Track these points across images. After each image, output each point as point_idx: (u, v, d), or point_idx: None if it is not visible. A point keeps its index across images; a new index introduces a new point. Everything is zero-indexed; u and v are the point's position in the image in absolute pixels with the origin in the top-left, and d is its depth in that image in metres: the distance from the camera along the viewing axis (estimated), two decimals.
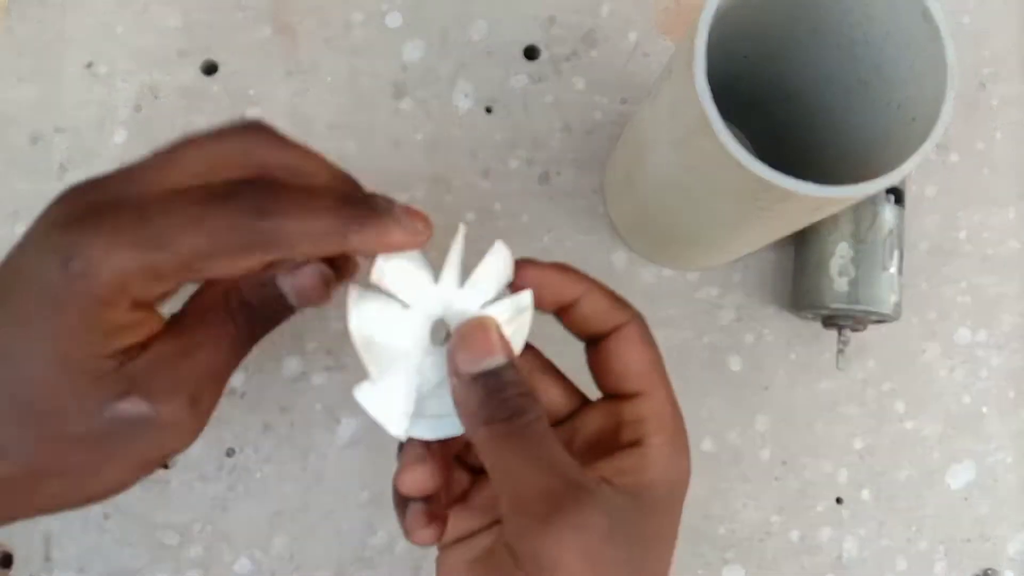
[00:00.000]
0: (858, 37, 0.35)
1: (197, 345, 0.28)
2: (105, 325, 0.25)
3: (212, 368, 0.29)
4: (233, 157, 0.29)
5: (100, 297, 0.25)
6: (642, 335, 0.31)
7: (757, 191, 0.30)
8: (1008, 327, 0.50)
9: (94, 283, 0.24)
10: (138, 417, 0.26)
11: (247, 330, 0.29)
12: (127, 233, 0.25)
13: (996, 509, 0.49)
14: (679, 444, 0.31)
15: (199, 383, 0.28)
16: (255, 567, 0.45)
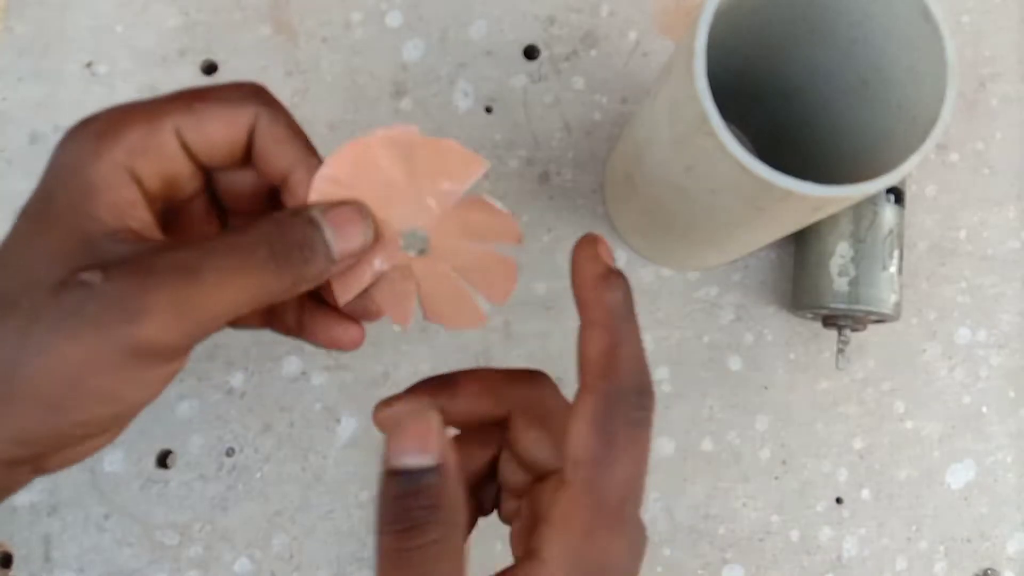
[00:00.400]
0: (858, 36, 0.35)
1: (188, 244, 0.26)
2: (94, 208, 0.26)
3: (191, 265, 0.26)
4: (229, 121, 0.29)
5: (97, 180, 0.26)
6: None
7: (757, 191, 0.30)
8: (1008, 327, 0.50)
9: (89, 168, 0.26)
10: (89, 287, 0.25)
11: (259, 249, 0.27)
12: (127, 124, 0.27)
13: (996, 509, 0.49)
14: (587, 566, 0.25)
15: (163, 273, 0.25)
16: (255, 567, 0.45)
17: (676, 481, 0.47)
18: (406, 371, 0.46)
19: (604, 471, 0.25)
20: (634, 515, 0.25)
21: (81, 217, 0.26)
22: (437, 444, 0.24)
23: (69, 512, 0.44)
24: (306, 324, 0.32)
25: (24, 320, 0.25)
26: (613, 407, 0.25)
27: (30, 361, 0.25)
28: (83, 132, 0.27)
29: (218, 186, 0.31)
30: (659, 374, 0.48)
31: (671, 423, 0.47)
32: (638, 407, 0.26)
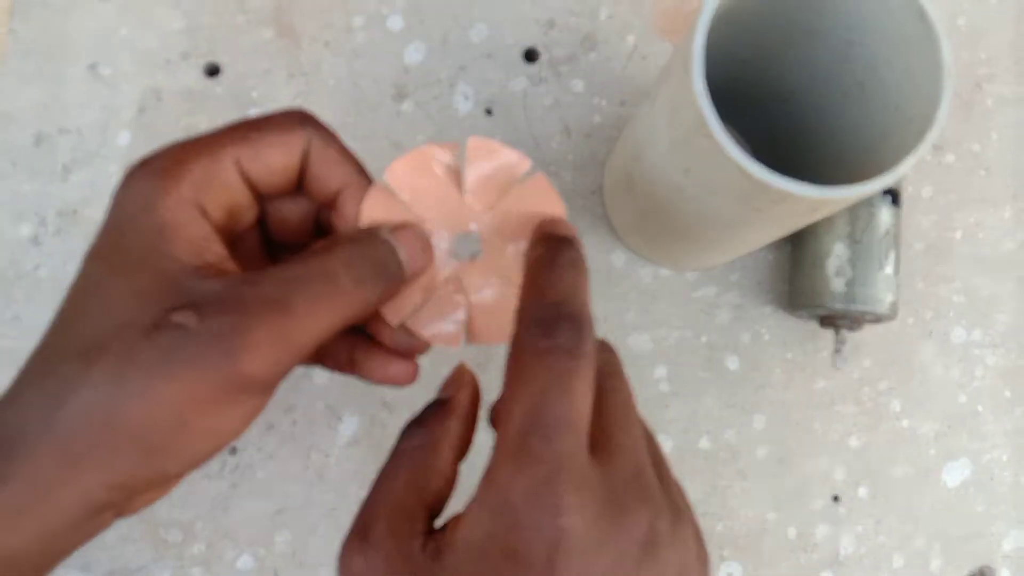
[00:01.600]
0: (854, 39, 0.35)
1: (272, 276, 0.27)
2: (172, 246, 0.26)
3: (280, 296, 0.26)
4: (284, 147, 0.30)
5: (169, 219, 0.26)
6: None
7: (754, 192, 0.31)
8: (1003, 326, 0.51)
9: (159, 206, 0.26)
10: (185, 329, 0.25)
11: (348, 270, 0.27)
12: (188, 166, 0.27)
13: (992, 507, 0.49)
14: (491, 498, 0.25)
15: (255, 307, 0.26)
16: (258, 564, 0.45)
17: None
18: None
19: (507, 401, 0.25)
20: (542, 449, 0.24)
21: (160, 257, 0.26)
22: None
23: None
24: (359, 361, 0.32)
25: (117, 364, 0.25)
26: (518, 341, 0.26)
27: (129, 406, 0.25)
28: (146, 171, 0.27)
29: (268, 217, 0.32)
30: (657, 373, 0.48)
31: (669, 422, 0.48)
32: (542, 334, 0.26)
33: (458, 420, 0.30)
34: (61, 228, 0.47)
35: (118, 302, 0.26)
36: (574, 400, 0.25)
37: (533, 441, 0.24)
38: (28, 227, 0.47)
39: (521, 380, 0.25)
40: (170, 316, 0.25)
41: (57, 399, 0.25)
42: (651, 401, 0.48)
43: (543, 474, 0.24)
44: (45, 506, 0.25)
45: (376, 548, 0.26)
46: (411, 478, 0.28)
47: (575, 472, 0.24)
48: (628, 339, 0.48)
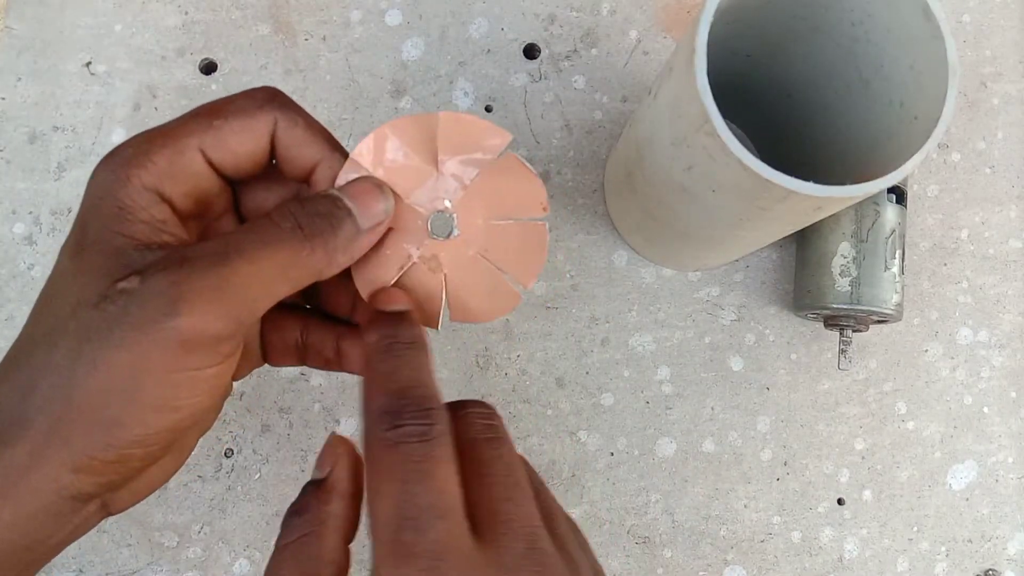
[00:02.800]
0: (859, 35, 0.35)
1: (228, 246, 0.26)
2: (126, 226, 0.26)
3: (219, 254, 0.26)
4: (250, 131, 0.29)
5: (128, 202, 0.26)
6: None
7: (758, 190, 0.30)
8: (1009, 327, 0.50)
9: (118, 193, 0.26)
10: (129, 293, 0.25)
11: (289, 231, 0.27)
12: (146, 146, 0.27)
13: (997, 509, 0.49)
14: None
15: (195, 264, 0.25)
16: (254, 568, 0.44)
17: (677, 482, 0.47)
18: None
19: (371, 501, 0.25)
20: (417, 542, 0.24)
21: (113, 236, 0.26)
22: None
23: None
24: (345, 352, 0.32)
25: (74, 341, 0.25)
26: (368, 437, 0.26)
27: (83, 380, 0.24)
28: (111, 161, 0.27)
29: (243, 204, 0.31)
30: (660, 374, 0.48)
31: (672, 424, 0.47)
32: (389, 427, 0.25)
33: (339, 499, 0.29)
34: (55, 227, 0.46)
35: (75, 285, 0.26)
36: (437, 485, 0.24)
37: (406, 536, 0.24)
38: (22, 226, 0.46)
39: (379, 476, 0.25)
40: (116, 285, 0.25)
41: (27, 387, 0.25)
42: (653, 403, 0.47)
43: (423, 568, 0.23)
44: (17, 492, 0.25)
45: None
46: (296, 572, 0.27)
47: (459, 559, 0.23)
48: (630, 340, 0.48)
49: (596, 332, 0.48)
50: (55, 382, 0.25)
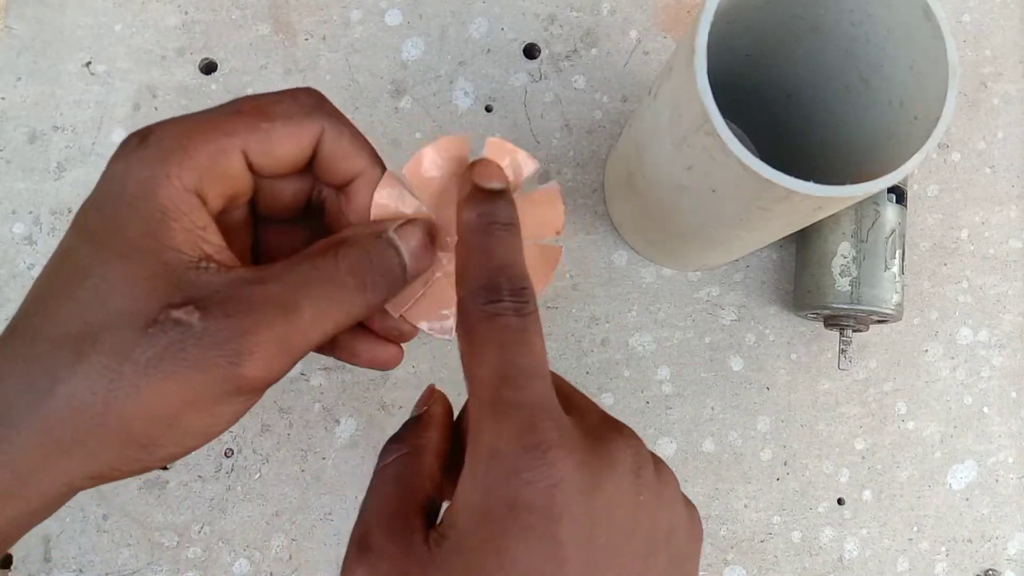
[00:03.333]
0: (859, 35, 0.35)
1: (279, 275, 0.26)
2: (173, 236, 0.26)
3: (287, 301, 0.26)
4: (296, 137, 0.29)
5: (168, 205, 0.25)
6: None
7: (758, 190, 0.30)
8: (1009, 327, 0.50)
9: (159, 193, 0.25)
10: (185, 327, 0.24)
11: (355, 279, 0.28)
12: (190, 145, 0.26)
13: (997, 509, 0.49)
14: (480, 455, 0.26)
15: (262, 311, 0.25)
16: (253, 568, 0.44)
17: None
18: (405, 372, 0.46)
19: (471, 367, 0.26)
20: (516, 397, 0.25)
21: (159, 247, 0.25)
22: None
23: (68, 513, 0.44)
24: (343, 344, 0.32)
25: (112, 358, 0.24)
26: (466, 309, 0.27)
27: (124, 401, 0.24)
28: (148, 151, 0.26)
29: (260, 193, 0.31)
30: (660, 374, 0.47)
31: (672, 424, 0.47)
32: (489, 300, 0.26)
33: (435, 430, 0.30)
34: (55, 227, 0.46)
35: (113, 291, 0.25)
36: (533, 350, 0.26)
37: (507, 392, 0.25)
38: (22, 226, 0.46)
39: (478, 343, 0.26)
40: (170, 312, 0.24)
41: (44, 387, 0.24)
42: (653, 403, 0.47)
43: (524, 419, 0.25)
44: (27, 491, 0.25)
45: (378, 555, 0.26)
46: (399, 486, 0.28)
47: (553, 413, 0.25)
48: (630, 340, 0.48)
49: (596, 332, 0.48)
50: (83, 393, 0.24)
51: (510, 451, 0.25)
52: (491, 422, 0.25)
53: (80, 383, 0.24)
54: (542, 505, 0.24)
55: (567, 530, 0.24)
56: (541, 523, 0.24)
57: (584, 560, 0.25)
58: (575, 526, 0.25)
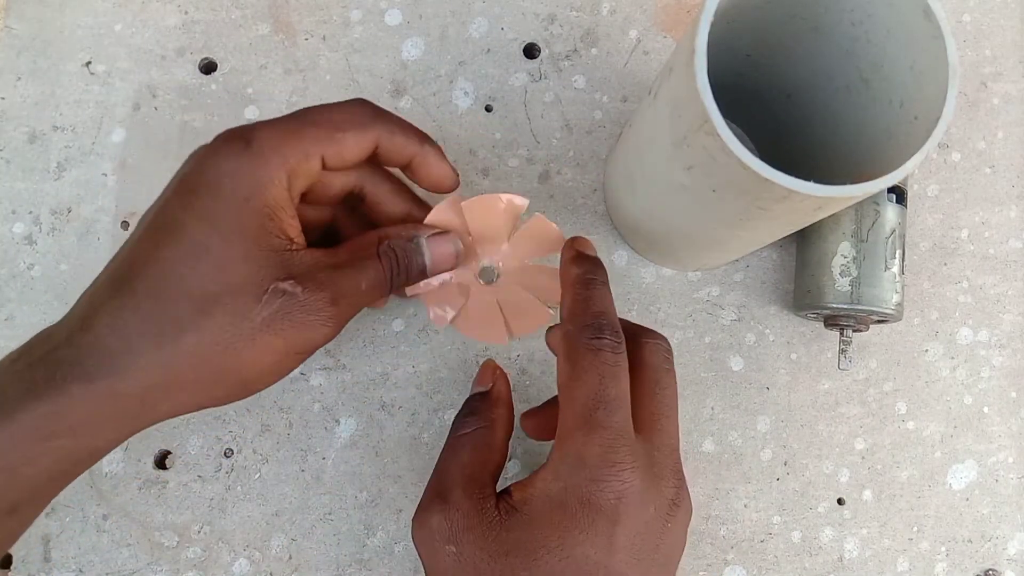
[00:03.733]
0: (859, 35, 0.35)
1: (346, 262, 0.35)
2: (276, 226, 0.33)
3: (354, 283, 0.35)
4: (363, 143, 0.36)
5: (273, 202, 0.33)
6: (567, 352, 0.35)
7: (758, 190, 0.30)
8: (1009, 326, 0.50)
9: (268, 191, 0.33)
10: (291, 296, 0.32)
11: (387, 272, 0.36)
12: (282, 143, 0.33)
13: (997, 509, 0.49)
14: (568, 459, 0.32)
15: (340, 288, 0.34)
16: (253, 568, 0.44)
17: None
18: (405, 372, 0.46)
19: (572, 388, 0.33)
20: (606, 420, 0.32)
21: (266, 234, 0.33)
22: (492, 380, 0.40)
23: (68, 513, 0.44)
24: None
25: (234, 317, 0.32)
26: (573, 341, 0.33)
27: (241, 351, 0.32)
28: (255, 157, 0.33)
29: (314, 184, 0.37)
30: None
31: None
32: (593, 337, 0.33)
33: (503, 406, 0.38)
34: (55, 227, 0.46)
35: (232, 266, 0.32)
36: (622, 385, 0.33)
37: (599, 415, 0.32)
38: (22, 226, 0.46)
39: (581, 369, 0.33)
40: (278, 284, 0.32)
41: (167, 335, 0.31)
42: None
43: (609, 439, 0.31)
44: (145, 416, 0.33)
45: (455, 508, 0.33)
46: (476, 455, 0.36)
47: (629, 439, 0.32)
48: None
49: None
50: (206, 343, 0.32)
51: (594, 462, 0.31)
52: (582, 435, 0.32)
53: (206, 335, 0.31)
54: (609, 508, 0.31)
55: (621, 532, 0.31)
56: (604, 522, 0.31)
57: (625, 559, 0.31)
58: (626, 531, 0.31)
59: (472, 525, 0.33)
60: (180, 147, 0.47)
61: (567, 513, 0.31)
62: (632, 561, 0.32)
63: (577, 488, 0.31)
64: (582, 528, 0.31)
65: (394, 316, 0.47)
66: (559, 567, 0.31)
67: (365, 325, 0.46)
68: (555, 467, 0.32)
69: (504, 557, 0.32)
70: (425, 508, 0.34)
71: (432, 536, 0.34)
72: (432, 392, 0.46)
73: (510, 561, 0.32)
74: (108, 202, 0.47)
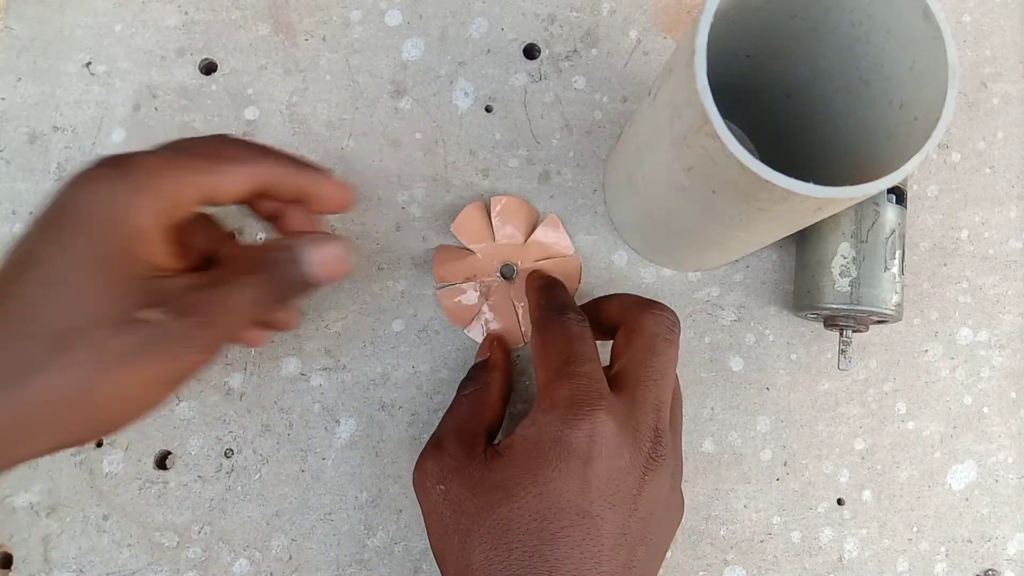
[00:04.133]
0: (859, 36, 0.35)
1: (223, 279, 0.33)
2: (143, 251, 0.31)
3: (228, 303, 0.32)
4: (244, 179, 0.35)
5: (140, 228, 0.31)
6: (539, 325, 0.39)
7: (758, 191, 0.30)
8: (1009, 327, 0.50)
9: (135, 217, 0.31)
10: (154, 324, 0.30)
11: (264, 286, 0.33)
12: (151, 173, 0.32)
13: (997, 509, 0.49)
14: (542, 406, 0.35)
15: (211, 310, 0.32)
16: (253, 568, 0.44)
17: None
18: (405, 372, 0.46)
19: (542, 352, 0.37)
20: (575, 370, 0.35)
21: (131, 261, 0.31)
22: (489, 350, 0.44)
23: (68, 513, 0.44)
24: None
25: (90, 353, 0.29)
26: (542, 318, 0.39)
27: (100, 387, 0.30)
28: (126, 182, 0.31)
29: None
30: None
31: None
32: (558, 313, 0.38)
33: (499, 371, 0.43)
34: None
35: (90, 297, 0.30)
36: (588, 344, 0.36)
37: (569, 367, 0.35)
38: (22, 226, 0.46)
39: (550, 336, 0.37)
40: (137, 314, 0.30)
41: (20, 375, 0.29)
42: None
43: (579, 386, 0.34)
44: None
45: (447, 453, 0.37)
46: (471, 410, 0.40)
47: (600, 386, 0.34)
48: None
49: None
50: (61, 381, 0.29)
51: (564, 403, 0.34)
52: (555, 384, 0.35)
53: (59, 373, 0.29)
54: (581, 448, 0.33)
55: (592, 472, 0.33)
56: (576, 461, 0.33)
57: (598, 502, 0.33)
58: (598, 472, 0.33)
59: (460, 468, 0.36)
60: None
61: (540, 452, 0.34)
62: (607, 505, 0.33)
63: (549, 427, 0.34)
64: (554, 466, 0.33)
65: (394, 316, 0.47)
66: (534, 503, 0.33)
67: (365, 326, 0.46)
68: (532, 415, 0.35)
69: (485, 495, 0.34)
70: (422, 456, 0.38)
71: (426, 477, 0.37)
72: (432, 392, 0.46)
73: (489, 497, 0.34)
74: None
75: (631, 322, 0.38)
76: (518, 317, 0.47)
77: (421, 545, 0.45)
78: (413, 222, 0.47)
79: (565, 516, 0.33)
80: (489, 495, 0.34)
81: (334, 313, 0.46)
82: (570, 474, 0.33)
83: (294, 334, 0.46)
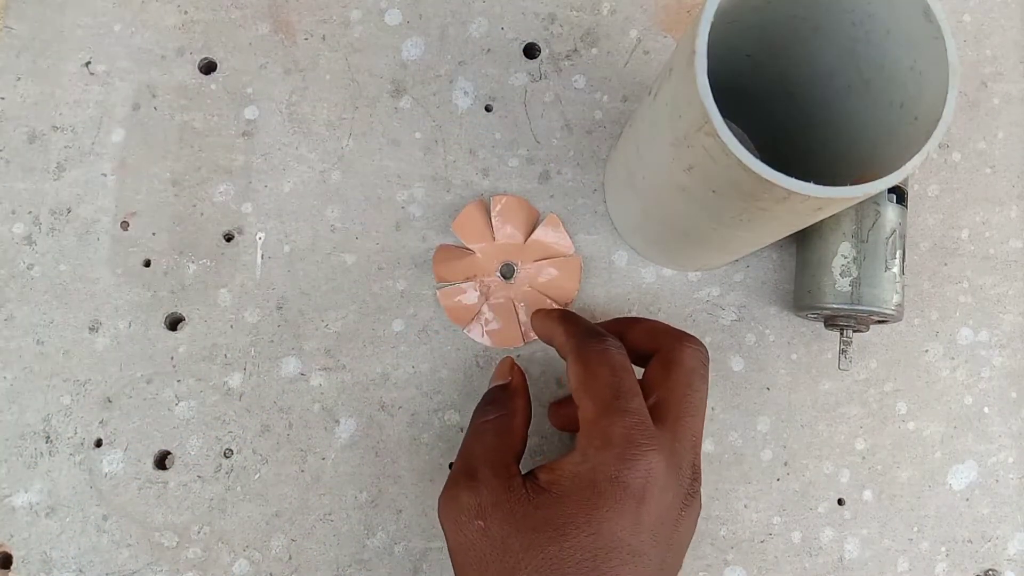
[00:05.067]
0: (860, 36, 0.35)
1: None
2: None
3: None
4: None
5: None
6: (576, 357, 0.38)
7: (758, 191, 0.30)
8: (1010, 327, 0.50)
9: None
10: None
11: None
12: None
13: (998, 509, 0.49)
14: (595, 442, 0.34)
15: None
16: (253, 568, 0.44)
17: None
18: (405, 372, 0.46)
19: (588, 384, 0.35)
20: (626, 405, 0.34)
21: None
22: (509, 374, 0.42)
23: (68, 513, 0.44)
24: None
25: None
26: (581, 345, 0.37)
27: None
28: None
29: None
30: None
31: None
32: (598, 341, 0.37)
33: (521, 397, 0.41)
34: (54, 227, 0.46)
35: None
36: (632, 378, 0.35)
37: (619, 402, 0.34)
38: (21, 226, 0.46)
39: (594, 366, 0.36)
40: None
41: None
42: None
43: (632, 422, 0.33)
44: None
45: (484, 485, 0.35)
46: (499, 439, 0.38)
47: (650, 424, 0.34)
48: None
49: None
50: None
51: (620, 442, 0.33)
52: (606, 420, 0.34)
53: None
54: (637, 488, 0.33)
55: (645, 512, 0.33)
56: (631, 501, 0.33)
57: (647, 539, 0.33)
58: (650, 511, 0.33)
59: (500, 501, 0.34)
60: (180, 147, 0.47)
61: (596, 491, 0.33)
62: (651, 542, 0.33)
63: (605, 466, 0.33)
64: (610, 505, 0.32)
65: (394, 316, 0.47)
66: (587, 542, 0.32)
67: (365, 326, 0.46)
68: (583, 450, 0.34)
69: (532, 532, 0.33)
70: (452, 486, 0.36)
71: (460, 512, 0.35)
72: (432, 393, 0.46)
73: (538, 536, 0.33)
74: (108, 202, 0.46)
75: (667, 353, 0.38)
76: (518, 317, 0.47)
77: (421, 545, 0.45)
78: (413, 222, 0.47)
79: (616, 555, 0.32)
80: (538, 533, 0.33)
81: (334, 313, 0.46)
82: (625, 513, 0.33)
83: (294, 334, 0.46)
